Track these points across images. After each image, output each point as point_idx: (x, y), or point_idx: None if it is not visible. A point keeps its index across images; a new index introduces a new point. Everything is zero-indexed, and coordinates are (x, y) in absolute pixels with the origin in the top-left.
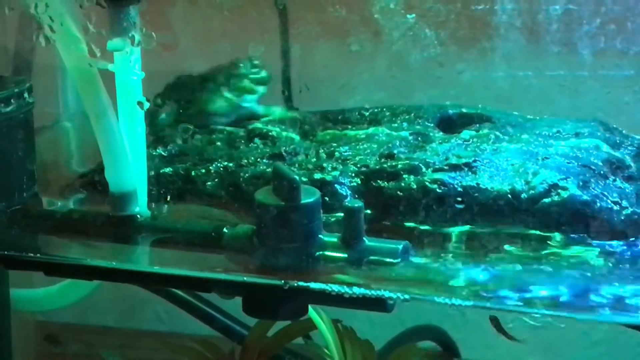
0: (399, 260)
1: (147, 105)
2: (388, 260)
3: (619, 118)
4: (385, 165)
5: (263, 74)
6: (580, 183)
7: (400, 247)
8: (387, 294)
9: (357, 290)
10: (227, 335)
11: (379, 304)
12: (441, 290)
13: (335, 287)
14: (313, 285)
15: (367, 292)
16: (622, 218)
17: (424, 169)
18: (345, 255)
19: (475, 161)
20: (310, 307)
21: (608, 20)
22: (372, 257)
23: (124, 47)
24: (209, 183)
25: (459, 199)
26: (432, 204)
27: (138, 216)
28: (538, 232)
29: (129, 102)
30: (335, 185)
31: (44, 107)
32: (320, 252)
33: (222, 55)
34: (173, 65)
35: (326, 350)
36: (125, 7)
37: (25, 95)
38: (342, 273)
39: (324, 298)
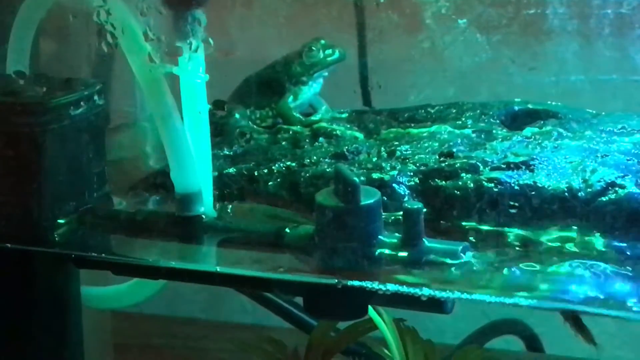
0: (458, 261)
1: (207, 107)
2: (448, 261)
3: None
4: (443, 165)
5: (337, 53)
6: (639, 181)
7: (460, 248)
8: (442, 295)
9: (412, 291)
10: (301, 329)
11: (438, 305)
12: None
13: (389, 288)
14: (366, 284)
15: (424, 292)
16: None
17: (481, 168)
18: (405, 256)
19: (533, 159)
20: (371, 307)
21: None
22: (431, 258)
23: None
24: (270, 183)
25: (514, 199)
26: (488, 203)
27: (203, 216)
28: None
29: (194, 105)
30: (393, 184)
31: (123, 107)
32: (380, 253)
33: None
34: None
35: (387, 351)
36: (186, 12)
37: (95, 97)
38: (401, 274)
39: (381, 298)
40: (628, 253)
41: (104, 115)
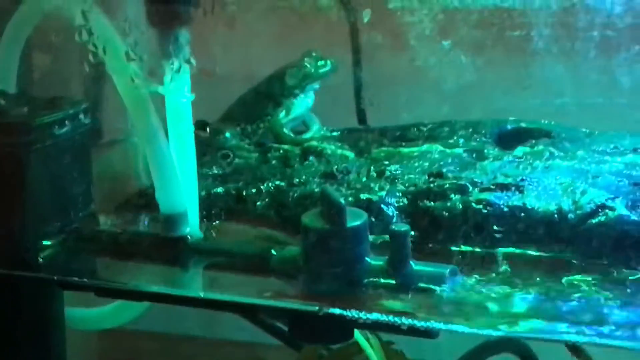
0: (445, 285)
1: (192, 128)
2: (435, 285)
3: None
4: (432, 185)
5: (329, 64)
6: (629, 203)
7: (447, 271)
8: (422, 324)
9: (392, 320)
10: (292, 347)
11: (423, 331)
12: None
13: (369, 317)
14: (347, 313)
15: (403, 322)
16: None
17: (471, 189)
18: (392, 280)
19: (523, 180)
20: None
21: None
22: (419, 283)
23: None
24: (258, 203)
25: (503, 220)
26: (476, 225)
27: (189, 237)
28: None
29: (179, 125)
30: (382, 205)
31: (115, 123)
32: (367, 277)
33: None
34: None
35: None
36: (170, 31)
37: (81, 116)
38: (386, 299)
39: (366, 323)
40: None
41: (89, 134)
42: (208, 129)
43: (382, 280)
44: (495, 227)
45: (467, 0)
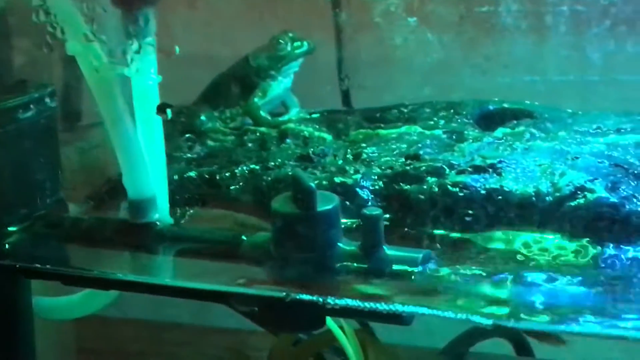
0: (419, 269)
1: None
2: (408, 269)
3: None
4: (408, 168)
5: (305, 45)
6: (609, 184)
7: (420, 256)
8: (386, 308)
9: (363, 304)
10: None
11: (396, 317)
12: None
13: (337, 302)
14: (315, 298)
15: (372, 306)
16: None
17: (447, 171)
18: (364, 265)
19: (501, 162)
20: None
21: (618, 21)
22: (392, 267)
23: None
24: (232, 187)
25: (479, 203)
26: (452, 208)
27: (157, 223)
28: None
29: (146, 107)
30: (357, 189)
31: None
32: (339, 262)
33: None
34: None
35: None
36: (135, 12)
37: (47, 100)
38: (358, 284)
39: (337, 310)
40: None
41: (56, 117)
42: (168, 112)
43: (354, 266)
44: (470, 210)
45: None
